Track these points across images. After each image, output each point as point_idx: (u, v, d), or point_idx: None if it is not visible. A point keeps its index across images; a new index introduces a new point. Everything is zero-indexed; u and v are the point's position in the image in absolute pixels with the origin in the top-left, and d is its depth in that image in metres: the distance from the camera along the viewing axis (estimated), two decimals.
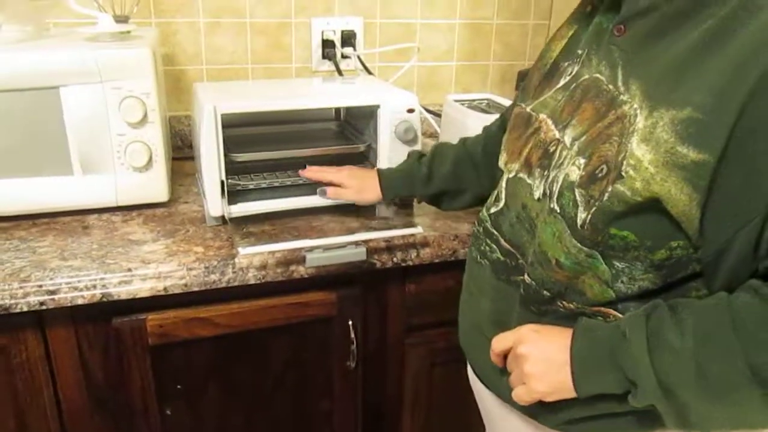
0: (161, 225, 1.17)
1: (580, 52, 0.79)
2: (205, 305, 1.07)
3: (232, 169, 1.21)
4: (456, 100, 1.37)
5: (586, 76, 0.75)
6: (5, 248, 1.07)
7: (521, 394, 0.74)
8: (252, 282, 1.05)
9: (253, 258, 1.05)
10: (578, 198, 0.69)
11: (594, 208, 0.67)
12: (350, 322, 1.15)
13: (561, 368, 0.70)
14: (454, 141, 1.13)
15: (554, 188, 0.73)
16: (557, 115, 0.78)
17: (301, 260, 1.06)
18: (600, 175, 0.67)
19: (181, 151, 1.57)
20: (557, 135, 0.76)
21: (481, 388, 0.91)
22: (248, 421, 1.18)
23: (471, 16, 1.68)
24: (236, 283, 1.04)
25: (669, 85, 0.64)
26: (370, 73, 1.58)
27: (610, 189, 0.65)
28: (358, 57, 1.58)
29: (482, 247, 0.87)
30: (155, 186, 1.20)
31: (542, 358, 0.72)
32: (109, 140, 1.15)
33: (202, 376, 1.12)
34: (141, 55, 1.12)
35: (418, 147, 1.19)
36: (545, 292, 0.75)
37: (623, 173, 0.64)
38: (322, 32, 1.57)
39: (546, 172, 0.76)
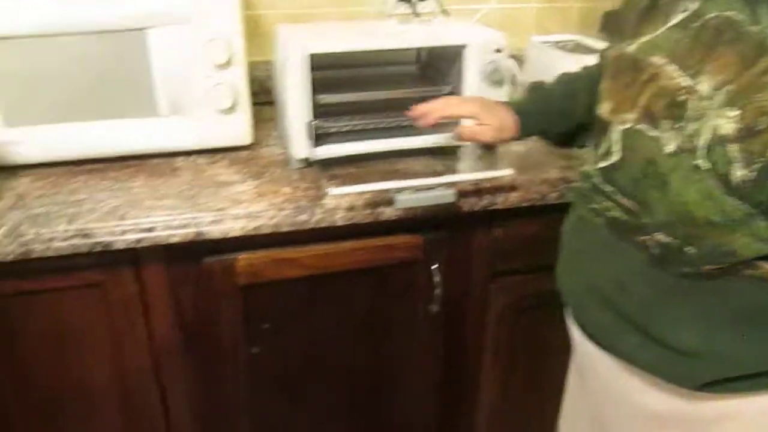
0: (247, 167, 1.18)
1: None
2: (293, 246, 1.08)
3: (315, 112, 1.20)
4: (542, 42, 1.32)
5: (713, 14, 0.68)
6: (100, 188, 1.09)
7: None
8: (339, 223, 1.05)
9: (342, 199, 1.05)
10: (734, 154, 0.65)
11: (758, 164, 0.63)
12: (435, 266, 1.14)
13: None
14: None
15: (697, 142, 0.67)
16: (682, 60, 0.70)
17: (389, 202, 1.05)
18: (761, 128, 0.62)
19: (257, 96, 1.57)
20: (685, 82, 0.70)
21: (593, 350, 0.87)
22: (330, 361, 1.20)
23: None
24: (324, 224, 1.05)
25: None
26: (447, 15, 1.53)
27: None
28: None
29: (593, 205, 0.82)
30: (240, 129, 1.21)
31: None
32: (195, 82, 1.15)
33: (288, 316, 1.14)
34: None
35: (506, 89, 1.16)
36: (689, 249, 0.71)
37: None
38: None
39: (679, 125, 0.70)
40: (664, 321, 0.76)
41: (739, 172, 0.65)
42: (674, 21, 0.72)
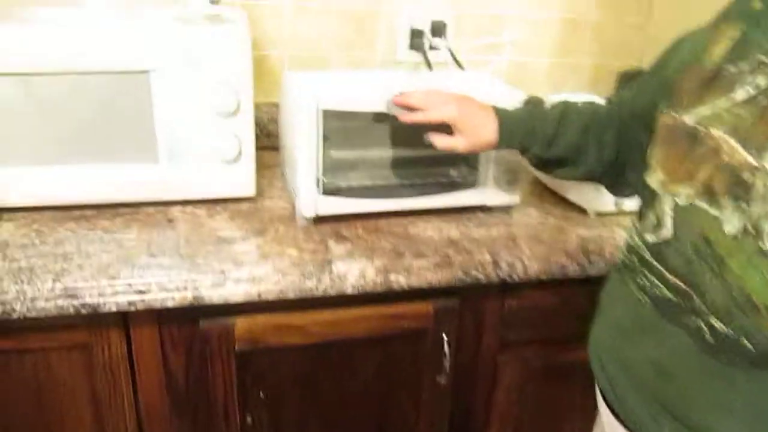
0: (248, 222, 1.10)
1: (766, 59, 0.68)
2: (297, 311, 1.01)
3: (324, 166, 1.14)
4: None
5: None
6: (90, 239, 1.02)
7: None
8: (349, 292, 0.98)
9: (351, 265, 0.98)
10: None
11: None
12: (444, 336, 1.07)
13: None
14: None
15: (764, 226, 0.64)
16: (746, 135, 0.67)
17: (402, 270, 0.99)
18: None
19: (258, 140, 1.50)
20: (752, 161, 0.66)
21: (621, 431, 0.82)
22: None
23: (566, 10, 1.58)
24: (333, 292, 0.98)
25: None
26: (461, 67, 1.49)
27: None
28: (449, 49, 1.49)
29: (639, 280, 0.77)
30: (243, 180, 1.14)
31: None
32: (199, 129, 1.08)
33: (286, 385, 1.06)
34: (239, 40, 1.05)
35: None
36: (747, 342, 0.66)
37: None
38: (411, 21, 1.48)
39: (744, 205, 0.66)
40: (705, 409, 0.71)
41: None
42: (742, 96, 0.68)
